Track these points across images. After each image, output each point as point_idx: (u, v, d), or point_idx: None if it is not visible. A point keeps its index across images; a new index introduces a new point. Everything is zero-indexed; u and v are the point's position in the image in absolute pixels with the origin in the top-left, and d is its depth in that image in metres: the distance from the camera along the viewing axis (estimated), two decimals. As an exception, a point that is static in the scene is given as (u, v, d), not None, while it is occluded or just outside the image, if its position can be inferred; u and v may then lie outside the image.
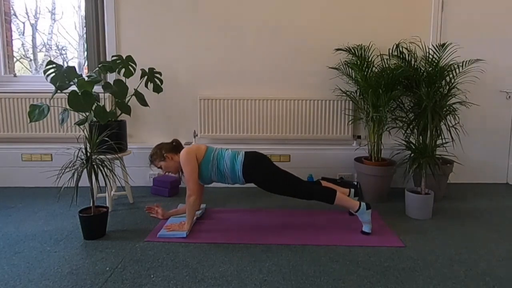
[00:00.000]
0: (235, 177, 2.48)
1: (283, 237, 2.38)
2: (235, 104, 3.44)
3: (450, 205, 3.04)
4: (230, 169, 2.46)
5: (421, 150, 2.83)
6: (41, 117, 2.64)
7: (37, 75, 3.69)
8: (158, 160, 2.59)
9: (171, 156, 2.57)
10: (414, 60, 3.08)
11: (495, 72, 3.51)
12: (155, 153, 2.60)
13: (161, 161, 2.58)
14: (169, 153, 2.57)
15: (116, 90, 2.83)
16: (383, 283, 1.85)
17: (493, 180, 3.69)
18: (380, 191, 3.08)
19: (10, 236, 2.38)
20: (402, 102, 3.17)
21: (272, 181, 2.44)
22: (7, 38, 3.61)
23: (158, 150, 2.59)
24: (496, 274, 1.95)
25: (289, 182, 2.43)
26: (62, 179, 2.50)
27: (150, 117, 3.51)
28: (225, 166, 2.46)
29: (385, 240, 2.33)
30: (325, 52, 3.43)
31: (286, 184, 2.42)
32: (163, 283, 1.84)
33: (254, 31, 3.43)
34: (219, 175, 2.49)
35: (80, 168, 2.31)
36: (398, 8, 3.41)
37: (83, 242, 2.30)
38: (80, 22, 3.77)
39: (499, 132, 3.62)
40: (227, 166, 2.46)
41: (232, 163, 2.46)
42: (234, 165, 2.45)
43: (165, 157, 2.56)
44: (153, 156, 2.61)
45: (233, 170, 2.46)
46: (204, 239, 2.33)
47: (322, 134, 3.49)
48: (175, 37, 3.44)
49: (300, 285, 1.83)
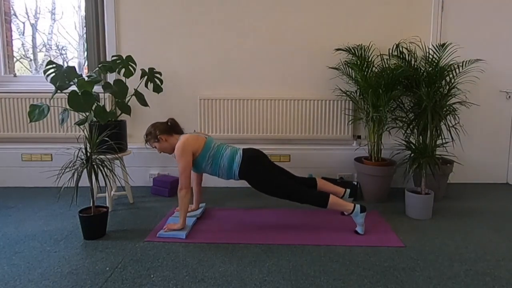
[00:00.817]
0: (230, 175, 2.49)
1: (283, 237, 2.38)
2: (235, 104, 3.44)
3: (450, 205, 3.04)
4: (227, 168, 2.46)
5: (421, 150, 2.83)
6: (41, 117, 2.64)
7: (37, 75, 3.69)
8: (152, 140, 2.56)
9: (165, 137, 2.54)
10: (414, 60, 3.08)
11: (495, 72, 3.51)
12: (149, 133, 2.57)
13: (155, 142, 2.55)
14: (163, 135, 2.54)
15: (116, 90, 2.83)
16: (383, 283, 1.85)
17: (493, 180, 3.69)
18: (380, 191, 3.08)
19: (10, 236, 2.38)
20: (402, 102, 3.17)
21: (266, 185, 2.45)
22: (7, 38, 3.61)
23: (153, 130, 2.56)
24: (496, 274, 1.95)
25: (282, 188, 2.43)
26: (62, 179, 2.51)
27: (150, 117, 3.50)
28: (222, 165, 2.46)
29: (385, 240, 2.33)
30: (325, 52, 3.43)
31: (278, 189, 2.44)
32: (163, 283, 1.84)
33: (254, 31, 3.43)
34: (213, 171, 2.50)
35: (80, 168, 2.31)
36: (398, 8, 3.41)
37: (83, 242, 2.30)
38: (80, 22, 3.77)
39: (499, 132, 3.62)
40: (224, 166, 2.46)
41: (229, 163, 2.46)
42: (232, 165, 2.46)
43: (159, 139, 2.54)
44: (148, 136, 2.58)
45: (230, 170, 2.47)
46: (204, 239, 2.33)
47: (322, 134, 3.49)
48: (175, 37, 3.44)
49: (300, 285, 1.83)
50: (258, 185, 2.47)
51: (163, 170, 3.51)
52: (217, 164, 2.47)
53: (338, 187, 2.72)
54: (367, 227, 2.50)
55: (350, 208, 2.41)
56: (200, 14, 3.41)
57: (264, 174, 2.45)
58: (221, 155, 2.48)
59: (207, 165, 2.48)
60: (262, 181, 2.45)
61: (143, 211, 2.85)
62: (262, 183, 2.45)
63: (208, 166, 2.48)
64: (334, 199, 2.42)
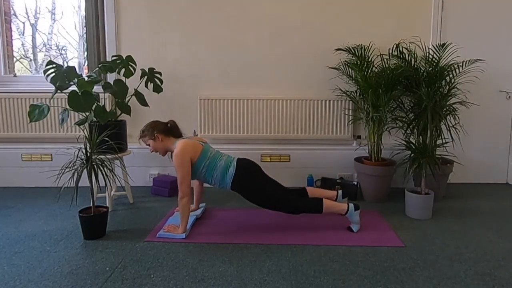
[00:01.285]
0: (223, 185, 2.47)
1: (283, 237, 2.38)
2: (235, 104, 3.44)
3: (450, 205, 3.04)
4: (219, 180, 2.44)
5: (421, 150, 2.83)
6: (41, 117, 2.64)
7: (37, 75, 3.69)
8: (147, 137, 2.53)
9: (162, 137, 2.51)
10: (414, 60, 3.08)
11: (495, 72, 3.51)
12: (146, 130, 2.54)
13: (150, 139, 2.52)
14: (160, 134, 2.51)
15: (116, 90, 2.83)
16: (383, 283, 1.86)
17: (493, 180, 3.69)
18: (380, 191, 3.08)
19: (10, 236, 2.38)
20: (402, 102, 3.17)
21: (258, 199, 2.44)
22: (7, 38, 3.61)
23: (151, 128, 2.53)
24: (496, 274, 1.95)
25: (274, 201, 2.43)
26: (62, 179, 2.50)
27: (150, 117, 3.48)
28: (215, 176, 2.44)
29: (385, 240, 2.33)
30: (325, 52, 3.43)
31: (270, 202, 2.44)
32: (163, 283, 1.84)
33: (254, 31, 3.43)
34: (206, 179, 2.48)
35: (80, 168, 2.31)
36: (398, 8, 3.41)
37: (83, 242, 2.30)
38: (80, 22, 3.77)
39: (499, 132, 3.62)
40: (217, 177, 2.44)
41: (222, 175, 2.43)
42: (224, 178, 2.43)
43: (155, 137, 2.50)
44: (144, 132, 2.55)
45: (223, 181, 2.44)
46: (204, 239, 2.33)
47: (322, 134, 3.49)
48: (175, 37, 3.44)
49: (300, 285, 1.83)
50: (250, 198, 2.46)
51: (163, 170, 3.51)
52: (210, 174, 2.44)
53: (329, 191, 2.70)
54: (367, 227, 2.50)
55: (344, 208, 2.43)
56: (200, 14, 3.41)
57: (258, 187, 2.43)
58: (215, 165, 2.44)
59: (200, 174, 2.45)
60: (254, 195, 2.44)
61: (143, 211, 2.85)
62: (254, 196, 2.44)
63: (201, 175, 2.46)
64: (328, 202, 2.43)
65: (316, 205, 2.41)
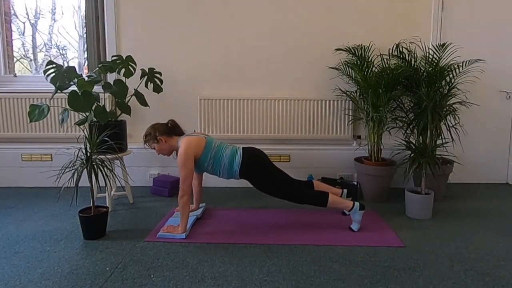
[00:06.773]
0: (231, 174, 2.49)
1: (283, 237, 2.38)
2: (235, 104, 3.44)
3: (450, 205, 3.04)
4: (228, 168, 2.46)
5: (421, 150, 2.83)
6: (41, 117, 2.64)
7: (37, 75, 3.69)
8: (151, 141, 2.55)
9: (165, 139, 2.53)
10: (414, 60, 3.08)
11: (495, 72, 3.51)
12: (149, 134, 2.56)
13: (154, 143, 2.55)
14: (163, 136, 2.53)
15: (116, 90, 2.83)
16: (383, 283, 1.85)
17: (493, 180, 3.69)
18: (380, 191, 3.08)
19: (10, 236, 2.38)
20: (402, 102, 3.17)
21: (266, 185, 2.46)
22: (7, 38, 3.61)
23: (152, 131, 2.55)
24: (496, 274, 1.95)
25: (282, 187, 2.45)
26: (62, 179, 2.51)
27: (150, 117, 3.50)
28: (223, 165, 2.46)
29: (385, 240, 2.33)
30: (325, 52, 3.44)
31: (278, 189, 2.45)
32: (163, 283, 1.84)
33: (254, 31, 3.43)
34: (214, 170, 2.50)
35: (80, 168, 2.31)
36: (398, 8, 3.41)
37: (83, 242, 2.30)
38: (80, 22, 3.78)
39: (499, 132, 3.62)
40: (225, 165, 2.46)
41: (230, 163, 2.46)
42: (232, 164, 2.46)
43: (159, 140, 2.53)
44: (147, 136, 2.57)
45: (231, 169, 2.47)
46: (204, 239, 2.33)
47: (322, 134, 3.49)
48: (175, 37, 3.44)
49: (300, 285, 1.83)
50: (259, 184, 2.47)
51: (163, 170, 3.51)
52: (218, 164, 2.47)
53: (335, 188, 2.74)
54: (367, 227, 2.51)
55: (349, 205, 2.43)
56: (200, 14, 3.41)
57: (264, 174, 2.46)
58: (221, 155, 2.47)
59: (208, 165, 2.48)
60: (262, 180, 2.46)
61: (143, 211, 2.85)
62: (263, 182, 2.46)
63: (209, 166, 2.48)
64: (334, 197, 2.44)
65: (322, 198, 2.42)
